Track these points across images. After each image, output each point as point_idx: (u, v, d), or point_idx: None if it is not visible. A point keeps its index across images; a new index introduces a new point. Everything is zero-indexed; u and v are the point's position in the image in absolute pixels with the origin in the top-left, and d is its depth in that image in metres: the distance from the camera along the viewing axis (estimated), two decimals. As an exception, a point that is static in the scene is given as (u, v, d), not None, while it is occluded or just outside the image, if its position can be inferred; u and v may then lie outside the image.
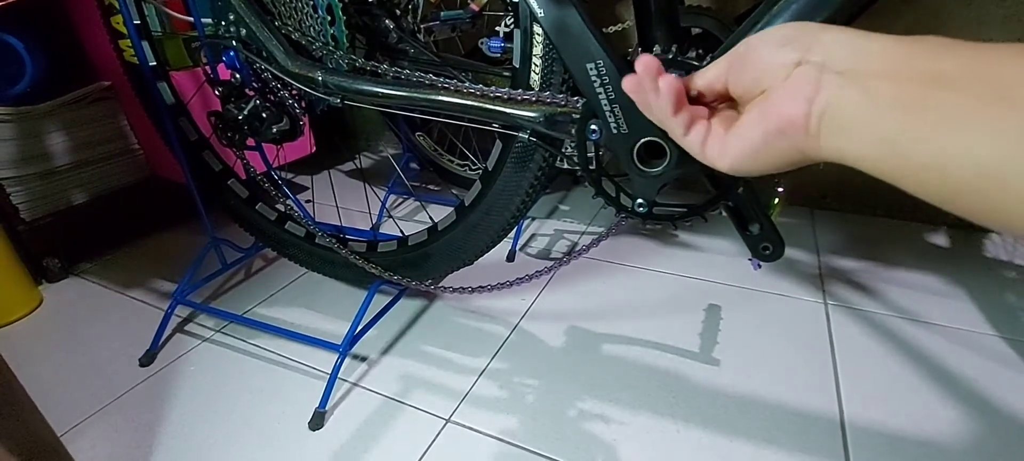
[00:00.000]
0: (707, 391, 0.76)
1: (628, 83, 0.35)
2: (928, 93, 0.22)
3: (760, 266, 0.63)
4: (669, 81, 0.33)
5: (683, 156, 0.48)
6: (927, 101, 0.22)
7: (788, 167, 0.30)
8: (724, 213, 0.59)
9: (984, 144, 0.21)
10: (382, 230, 1.30)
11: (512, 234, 1.17)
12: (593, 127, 0.55)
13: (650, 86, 0.34)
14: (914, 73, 0.23)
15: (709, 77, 0.34)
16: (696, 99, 0.36)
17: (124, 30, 0.87)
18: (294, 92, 0.78)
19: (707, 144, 0.34)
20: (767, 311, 0.91)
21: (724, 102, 0.35)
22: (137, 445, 0.75)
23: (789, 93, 0.28)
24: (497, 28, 0.97)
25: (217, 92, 0.81)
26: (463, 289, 0.79)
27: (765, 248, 0.59)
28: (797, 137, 0.27)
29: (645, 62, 0.34)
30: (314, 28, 0.73)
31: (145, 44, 0.87)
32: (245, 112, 0.78)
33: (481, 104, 0.63)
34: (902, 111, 0.23)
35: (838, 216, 1.21)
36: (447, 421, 0.74)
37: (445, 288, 0.81)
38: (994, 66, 0.21)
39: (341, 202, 1.43)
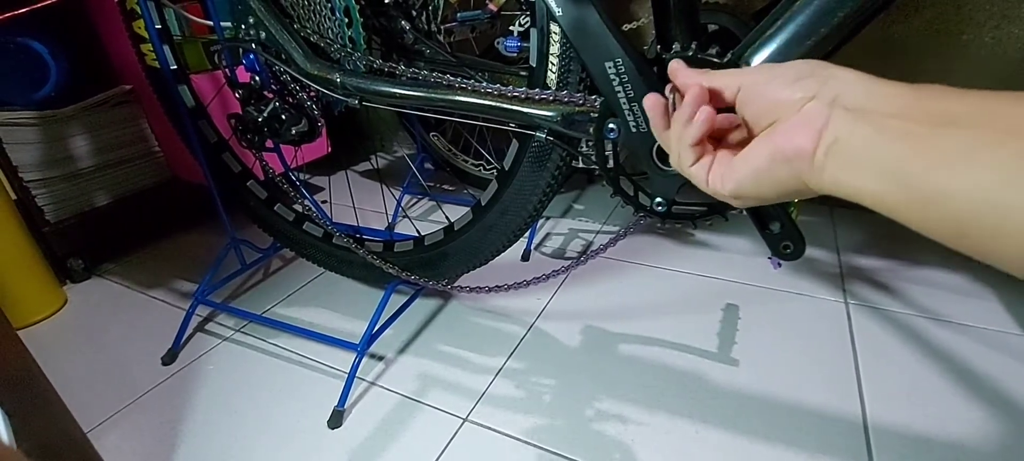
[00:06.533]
0: (726, 392, 0.75)
1: (649, 102, 0.38)
2: (937, 130, 0.23)
3: (780, 265, 0.62)
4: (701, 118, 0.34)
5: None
6: (936, 137, 0.23)
7: (785, 197, 0.31)
8: (744, 212, 0.59)
9: (990, 175, 0.21)
10: (398, 230, 1.30)
11: (527, 233, 1.17)
12: (611, 126, 0.55)
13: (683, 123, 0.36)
14: (923, 114, 0.24)
15: (719, 84, 0.35)
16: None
17: (145, 34, 0.88)
18: (312, 93, 0.79)
19: (710, 174, 0.35)
20: (787, 311, 0.90)
21: (727, 116, 0.36)
22: (160, 442, 0.76)
23: (799, 124, 0.29)
24: (512, 27, 0.97)
25: (237, 95, 0.82)
26: (479, 289, 0.79)
27: (785, 247, 0.58)
28: (801, 166, 0.28)
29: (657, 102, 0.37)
30: (332, 30, 0.74)
31: (166, 48, 0.88)
32: (265, 114, 0.79)
33: (498, 104, 0.63)
34: (910, 145, 0.24)
35: (859, 214, 1.19)
36: (464, 420, 0.74)
37: (461, 288, 0.81)
38: (1001, 107, 0.22)
39: (357, 202, 1.44)
